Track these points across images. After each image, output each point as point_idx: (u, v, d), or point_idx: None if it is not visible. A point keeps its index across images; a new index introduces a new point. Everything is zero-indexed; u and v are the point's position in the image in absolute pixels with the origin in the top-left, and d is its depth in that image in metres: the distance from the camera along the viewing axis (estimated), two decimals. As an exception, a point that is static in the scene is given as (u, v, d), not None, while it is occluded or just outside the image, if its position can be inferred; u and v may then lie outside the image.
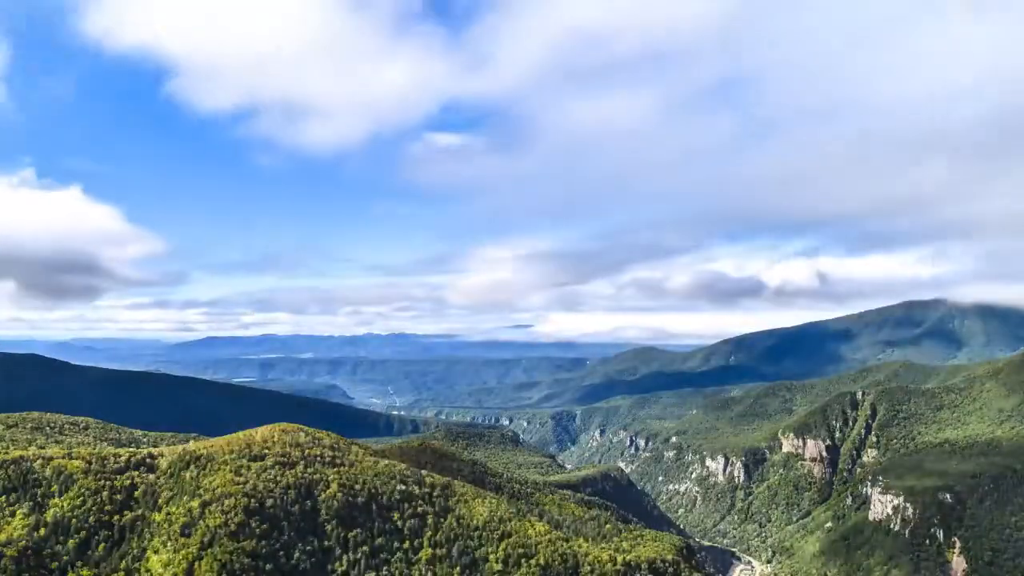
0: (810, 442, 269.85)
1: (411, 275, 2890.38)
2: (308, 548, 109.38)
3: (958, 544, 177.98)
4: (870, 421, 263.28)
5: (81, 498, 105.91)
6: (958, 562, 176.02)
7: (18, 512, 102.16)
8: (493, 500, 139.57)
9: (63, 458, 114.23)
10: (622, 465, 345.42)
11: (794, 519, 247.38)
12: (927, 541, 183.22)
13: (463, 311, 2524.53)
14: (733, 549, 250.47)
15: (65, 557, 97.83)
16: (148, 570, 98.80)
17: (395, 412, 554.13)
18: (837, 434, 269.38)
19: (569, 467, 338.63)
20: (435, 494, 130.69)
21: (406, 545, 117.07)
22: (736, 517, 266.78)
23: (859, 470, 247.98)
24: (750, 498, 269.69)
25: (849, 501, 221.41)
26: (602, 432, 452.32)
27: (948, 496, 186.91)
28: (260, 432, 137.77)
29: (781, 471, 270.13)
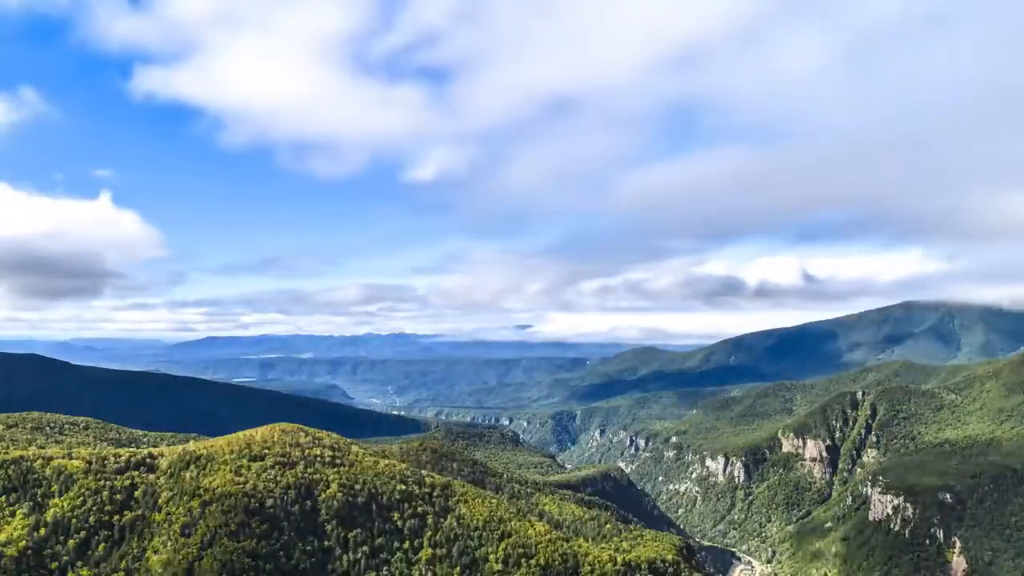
0: (810, 442, 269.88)
1: (410, 276, 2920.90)
2: (308, 548, 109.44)
3: (958, 544, 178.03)
4: (870, 421, 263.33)
5: (81, 498, 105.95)
6: (958, 562, 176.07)
7: (18, 512, 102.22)
8: (493, 500, 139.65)
9: (63, 458, 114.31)
10: (622, 465, 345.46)
11: (794, 519, 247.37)
12: (927, 541, 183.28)
13: (463, 311, 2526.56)
14: (733, 549, 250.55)
15: (65, 557, 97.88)
16: (148, 570, 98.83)
17: (395, 412, 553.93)
18: (837, 434, 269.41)
19: (569, 467, 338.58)
20: (435, 494, 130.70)
21: (406, 545, 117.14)
22: (736, 517, 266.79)
23: (859, 470, 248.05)
24: (750, 498, 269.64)
25: (849, 501, 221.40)
26: (602, 432, 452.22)
27: (948, 496, 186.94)
28: (260, 432, 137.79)
29: (781, 471, 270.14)
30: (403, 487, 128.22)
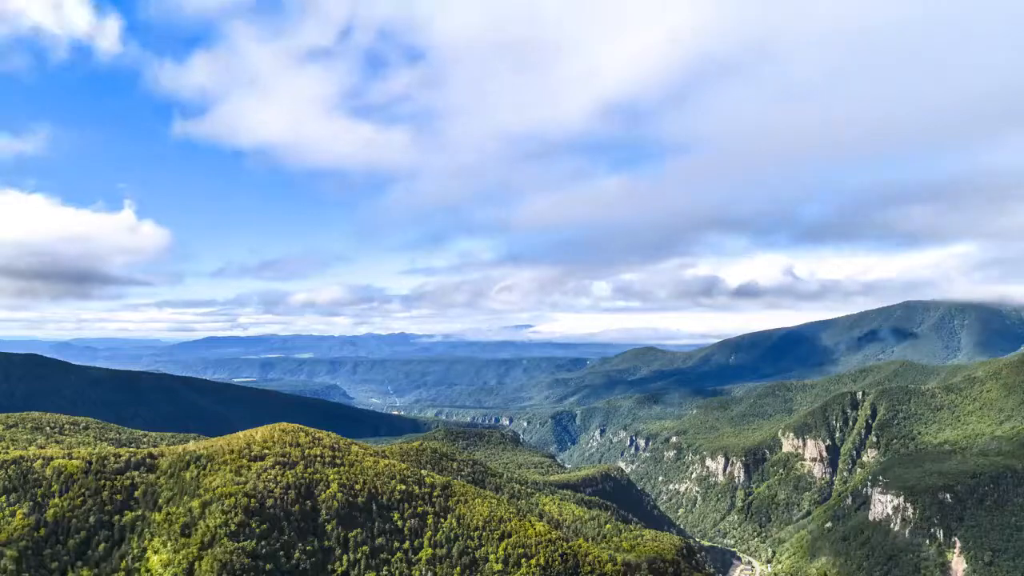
0: (810, 442, 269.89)
1: (410, 276, 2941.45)
2: (308, 548, 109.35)
3: (958, 544, 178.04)
4: (870, 421, 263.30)
5: (81, 498, 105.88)
6: (958, 562, 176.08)
7: (18, 512, 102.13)
8: (493, 500, 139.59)
9: (63, 458, 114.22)
10: (622, 465, 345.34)
11: (794, 519, 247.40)
12: (927, 541, 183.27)
13: (463, 311, 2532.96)
14: (733, 549, 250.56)
15: (65, 557, 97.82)
16: (148, 570, 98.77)
17: (395, 412, 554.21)
18: (837, 434, 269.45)
19: (569, 467, 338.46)
20: (435, 494, 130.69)
21: (406, 545, 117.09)
22: (736, 517, 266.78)
23: (859, 470, 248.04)
24: (750, 498, 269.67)
25: (849, 501, 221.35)
26: (602, 432, 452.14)
27: (948, 496, 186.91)
28: (260, 432, 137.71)
29: (781, 471, 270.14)
30: (403, 487, 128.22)
